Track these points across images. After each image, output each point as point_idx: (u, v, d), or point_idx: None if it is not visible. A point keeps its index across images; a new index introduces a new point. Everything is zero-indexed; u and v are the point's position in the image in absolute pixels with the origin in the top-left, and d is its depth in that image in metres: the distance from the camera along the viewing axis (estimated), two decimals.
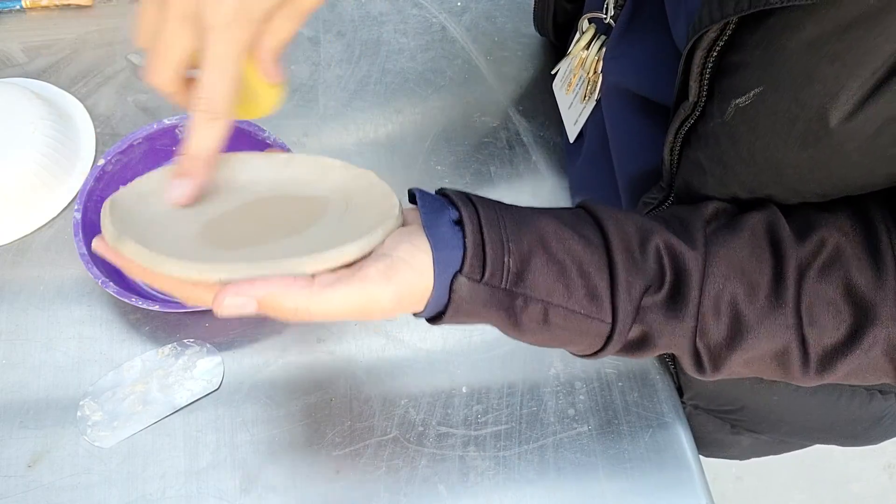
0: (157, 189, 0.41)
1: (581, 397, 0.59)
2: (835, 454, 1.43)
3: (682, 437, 0.58)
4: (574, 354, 0.42)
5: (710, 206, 0.42)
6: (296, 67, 0.74)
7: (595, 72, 0.58)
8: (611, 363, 0.60)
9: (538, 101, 0.74)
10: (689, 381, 0.61)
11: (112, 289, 0.55)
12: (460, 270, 0.36)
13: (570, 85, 0.62)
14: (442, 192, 0.40)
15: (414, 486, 0.55)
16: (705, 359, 0.40)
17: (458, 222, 0.38)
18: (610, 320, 0.38)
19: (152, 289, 0.60)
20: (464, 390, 0.59)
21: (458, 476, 0.55)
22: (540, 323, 0.38)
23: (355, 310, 0.36)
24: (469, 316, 0.38)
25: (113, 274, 0.57)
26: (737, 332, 0.39)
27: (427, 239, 0.37)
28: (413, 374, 0.59)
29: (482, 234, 0.37)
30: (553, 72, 0.65)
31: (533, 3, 0.71)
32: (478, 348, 0.60)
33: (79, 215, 0.56)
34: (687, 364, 0.41)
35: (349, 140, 0.70)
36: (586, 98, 0.60)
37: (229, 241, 0.39)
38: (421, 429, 0.57)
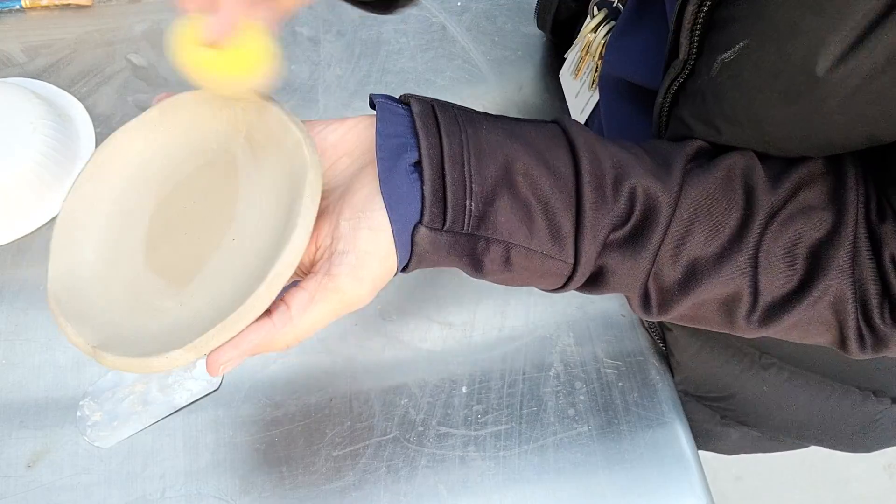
0: (89, 253, 0.39)
1: (581, 397, 0.59)
2: (835, 454, 1.43)
3: (682, 437, 0.58)
4: (538, 287, 0.42)
5: (694, 144, 0.41)
6: (296, 67, 0.74)
7: (601, 57, 0.58)
8: (611, 363, 0.60)
9: (538, 100, 0.74)
10: (678, 365, 0.61)
11: None
12: (420, 221, 0.35)
13: (578, 71, 0.63)
14: (406, 101, 0.38)
15: (414, 486, 0.55)
16: (654, 300, 0.40)
17: (418, 162, 0.36)
18: (572, 261, 0.38)
19: None
20: (464, 390, 0.59)
21: (458, 476, 0.55)
22: (502, 264, 0.37)
23: (338, 314, 0.36)
24: (432, 264, 0.38)
25: None
26: (691, 278, 0.39)
27: (382, 196, 0.35)
28: (413, 374, 0.59)
29: (444, 176, 0.35)
30: (565, 55, 0.65)
31: (535, 1, 0.71)
32: (478, 348, 0.60)
33: None
34: (634, 303, 0.41)
35: None
36: (594, 85, 0.60)
37: (177, 268, 0.38)
38: (421, 429, 0.57)
